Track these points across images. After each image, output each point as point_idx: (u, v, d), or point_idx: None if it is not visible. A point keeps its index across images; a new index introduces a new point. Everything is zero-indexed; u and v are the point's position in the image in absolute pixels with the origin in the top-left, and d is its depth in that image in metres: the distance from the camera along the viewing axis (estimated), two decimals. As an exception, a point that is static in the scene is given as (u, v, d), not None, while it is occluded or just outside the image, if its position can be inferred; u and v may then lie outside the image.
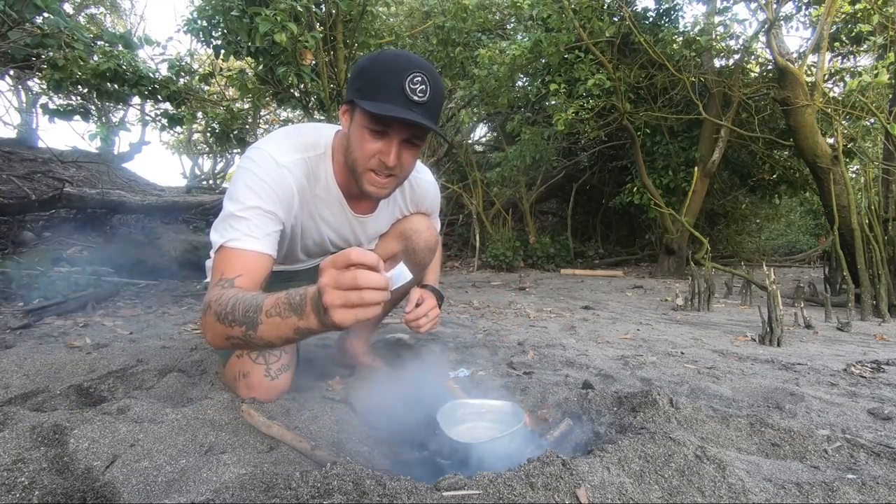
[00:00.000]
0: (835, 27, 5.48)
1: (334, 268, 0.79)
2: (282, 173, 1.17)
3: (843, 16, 5.38)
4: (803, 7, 6.03)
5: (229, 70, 5.33)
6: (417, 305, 1.35)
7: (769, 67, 6.40)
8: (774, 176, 8.20)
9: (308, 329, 0.88)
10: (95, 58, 3.71)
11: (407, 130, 1.14)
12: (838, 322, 3.08)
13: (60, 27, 3.39)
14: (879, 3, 4.62)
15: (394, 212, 1.50)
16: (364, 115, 1.11)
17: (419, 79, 1.09)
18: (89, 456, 0.93)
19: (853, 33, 5.48)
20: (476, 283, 5.26)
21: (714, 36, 5.94)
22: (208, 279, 1.50)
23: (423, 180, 1.51)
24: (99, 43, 3.87)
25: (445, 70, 6.92)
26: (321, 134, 1.28)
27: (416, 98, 1.09)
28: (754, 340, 2.53)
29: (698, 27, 6.03)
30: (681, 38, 5.94)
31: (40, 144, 6.35)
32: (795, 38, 28.46)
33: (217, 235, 1.13)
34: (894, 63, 4.23)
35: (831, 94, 6.00)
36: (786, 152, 7.68)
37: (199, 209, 5.64)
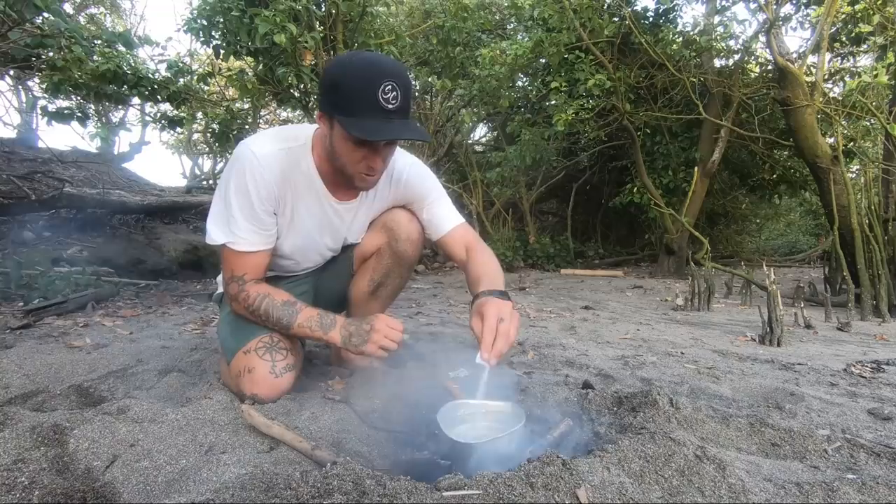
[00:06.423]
0: (834, 27, 5.47)
1: (385, 323, 1.28)
2: (260, 166, 1.25)
3: (843, 16, 5.37)
4: (803, 7, 6.02)
5: (229, 70, 5.32)
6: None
7: (769, 67, 6.39)
8: (774, 176, 8.18)
9: (327, 342, 1.34)
10: (95, 58, 3.71)
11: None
12: (838, 322, 3.08)
13: (60, 27, 3.39)
14: (879, 3, 4.62)
15: (381, 205, 1.48)
16: (345, 129, 1.16)
17: (390, 87, 1.12)
18: (89, 456, 0.93)
19: (853, 34, 5.47)
20: (476, 283, 5.25)
21: (714, 36, 5.93)
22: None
23: (413, 174, 1.45)
24: (98, 42, 3.87)
25: (445, 70, 6.91)
26: (303, 128, 1.36)
27: (389, 107, 1.13)
28: (754, 340, 2.53)
29: (698, 28, 6.03)
30: (681, 39, 5.93)
31: (40, 144, 6.32)
32: (795, 38, 28.47)
33: (216, 231, 1.29)
34: (894, 63, 4.22)
35: (831, 95, 5.99)
36: (786, 152, 7.67)
37: (199, 209, 5.63)
